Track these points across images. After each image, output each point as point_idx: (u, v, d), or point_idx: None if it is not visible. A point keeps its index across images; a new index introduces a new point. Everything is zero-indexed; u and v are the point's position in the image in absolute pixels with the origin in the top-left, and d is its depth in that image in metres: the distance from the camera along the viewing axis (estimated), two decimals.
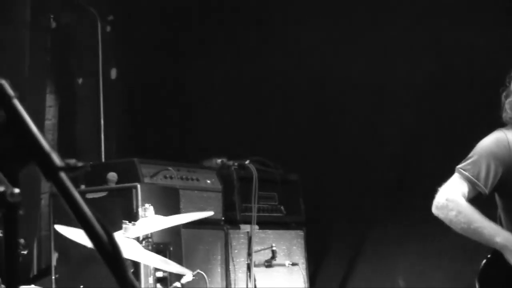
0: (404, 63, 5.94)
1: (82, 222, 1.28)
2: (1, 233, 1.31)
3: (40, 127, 5.80)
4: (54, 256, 4.96)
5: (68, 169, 1.26)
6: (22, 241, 3.96)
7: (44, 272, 5.38)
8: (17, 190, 1.24)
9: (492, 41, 5.52)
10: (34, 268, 5.70)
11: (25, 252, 4.21)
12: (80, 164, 1.27)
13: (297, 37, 6.24)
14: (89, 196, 4.85)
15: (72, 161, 1.27)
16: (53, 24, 6.13)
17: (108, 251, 1.26)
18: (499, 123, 3.71)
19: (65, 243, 4.58)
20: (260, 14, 6.42)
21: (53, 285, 4.86)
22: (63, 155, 1.29)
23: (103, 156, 6.22)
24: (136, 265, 4.48)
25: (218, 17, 6.54)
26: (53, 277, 4.90)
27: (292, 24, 6.28)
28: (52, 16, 6.11)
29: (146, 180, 5.11)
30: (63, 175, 1.26)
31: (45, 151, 1.25)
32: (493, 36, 5.52)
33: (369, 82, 6.08)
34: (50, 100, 6.12)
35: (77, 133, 6.33)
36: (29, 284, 4.19)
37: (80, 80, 6.42)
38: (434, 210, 3.62)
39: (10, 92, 1.26)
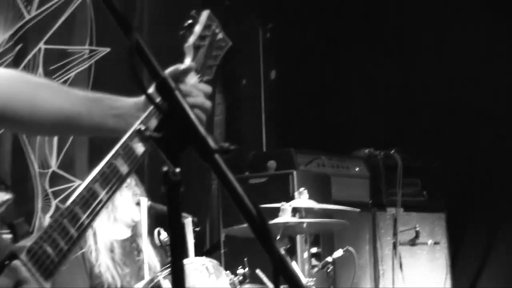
0: None
1: (234, 198, 1.29)
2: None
3: (210, 123, 5.94)
4: (223, 234, 5.08)
5: (221, 151, 1.27)
6: (195, 219, 4.04)
7: (214, 247, 5.51)
8: (178, 169, 1.26)
9: None
10: (207, 243, 5.85)
11: (197, 229, 4.31)
12: (232, 147, 1.28)
13: (438, 38, 6.05)
14: (252, 181, 4.92)
15: (226, 144, 1.28)
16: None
17: (257, 223, 1.27)
18: None
19: (232, 222, 4.67)
20: (405, 16, 6.26)
21: (222, 258, 4.98)
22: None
23: (264, 147, 6.29)
24: (293, 241, 4.50)
25: (368, 19, 6.43)
26: (222, 251, 5.02)
27: (436, 24, 6.08)
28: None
29: (301, 167, 5.13)
30: (217, 156, 1.27)
31: (201, 136, 1.27)
32: None
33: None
34: (218, 98, 6.25)
35: (241, 127, 6.43)
36: (202, 256, 4.30)
37: (244, 81, 6.53)
38: None
39: (172, 84, 1.29)
